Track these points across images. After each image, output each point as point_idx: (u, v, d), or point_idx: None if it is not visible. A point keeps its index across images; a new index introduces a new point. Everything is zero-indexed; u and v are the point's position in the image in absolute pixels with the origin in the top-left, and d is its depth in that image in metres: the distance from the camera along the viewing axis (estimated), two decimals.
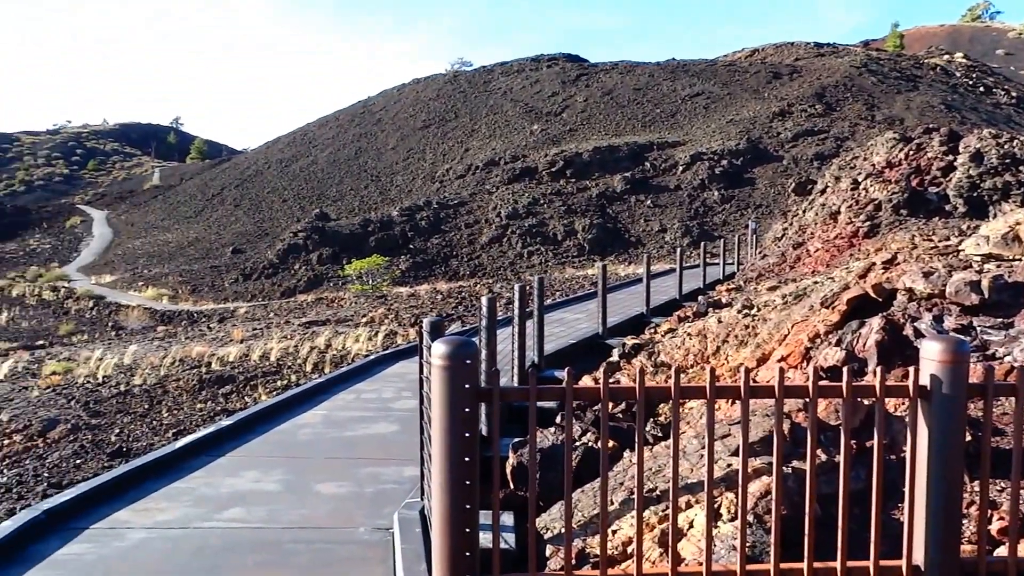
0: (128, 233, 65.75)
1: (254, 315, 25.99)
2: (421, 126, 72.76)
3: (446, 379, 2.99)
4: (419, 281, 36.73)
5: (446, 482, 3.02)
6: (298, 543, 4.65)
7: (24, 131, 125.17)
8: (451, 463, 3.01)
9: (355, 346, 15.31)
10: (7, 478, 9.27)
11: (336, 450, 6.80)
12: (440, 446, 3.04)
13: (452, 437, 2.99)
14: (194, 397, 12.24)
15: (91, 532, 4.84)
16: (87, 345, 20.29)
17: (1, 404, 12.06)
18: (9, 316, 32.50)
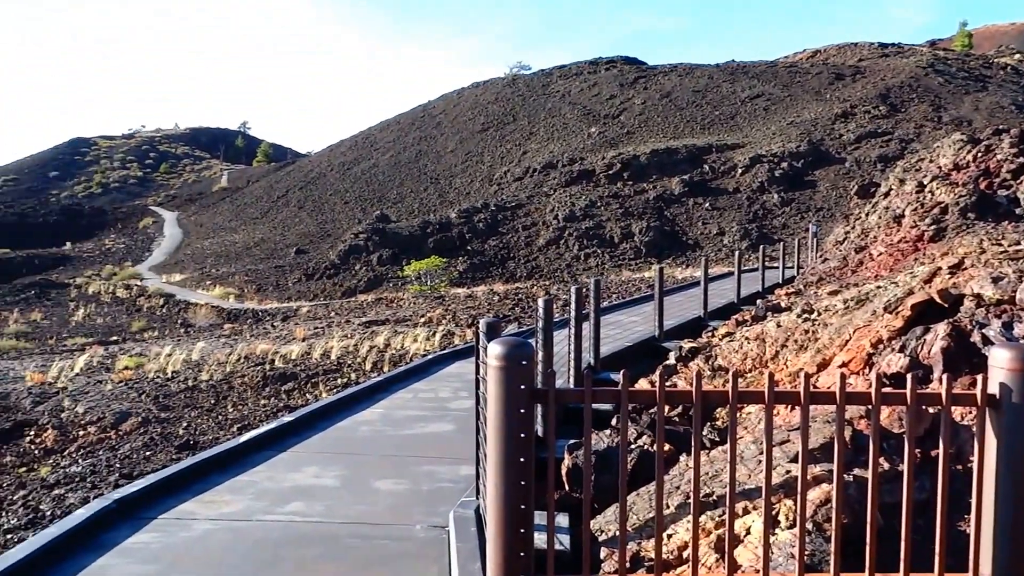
0: (197, 234, 67.87)
1: (316, 314, 26.53)
2: (480, 129, 73.24)
3: (502, 379, 3.02)
4: (476, 282, 36.98)
5: (501, 482, 3.05)
6: (356, 538, 4.74)
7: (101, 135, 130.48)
8: (506, 463, 3.03)
9: (413, 346, 15.51)
10: (82, 467, 9.68)
11: (394, 448, 6.91)
12: (495, 446, 3.06)
13: (507, 437, 3.02)
14: (258, 393, 12.57)
15: (159, 522, 5.02)
16: (158, 341, 21.02)
17: (77, 397, 12.59)
18: (86, 312, 33.88)
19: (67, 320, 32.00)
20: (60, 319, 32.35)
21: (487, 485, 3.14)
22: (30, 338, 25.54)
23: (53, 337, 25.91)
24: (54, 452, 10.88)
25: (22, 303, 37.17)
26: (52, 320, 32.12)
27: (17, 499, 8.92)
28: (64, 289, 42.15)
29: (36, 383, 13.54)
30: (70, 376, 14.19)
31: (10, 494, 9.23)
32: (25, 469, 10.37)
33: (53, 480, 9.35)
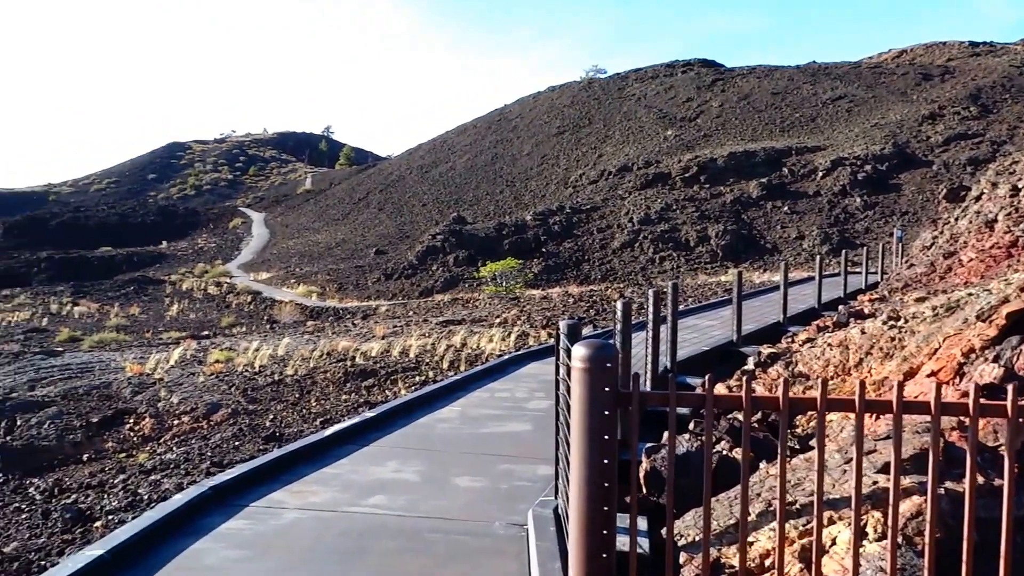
0: (283, 234, 70.12)
1: (394, 313, 27.06)
2: (555, 132, 73.30)
3: (586, 381, 3.06)
4: (551, 284, 37.02)
5: (584, 483, 3.09)
6: (436, 532, 4.86)
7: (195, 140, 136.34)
8: (590, 465, 3.07)
9: (489, 345, 15.65)
10: (176, 455, 10.17)
11: (472, 446, 7.02)
12: (579, 447, 3.11)
13: (591, 439, 3.06)
14: (340, 388, 12.93)
15: (251, 510, 5.25)
16: (246, 337, 21.83)
17: (172, 388, 13.21)
18: (179, 308, 35.46)
19: (162, 315, 33.56)
20: (156, 314, 33.96)
21: (570, 486, 3.18)
22: (128, 331, 26.90)
23: (149, 330, 27.22)
24: (151, 439, 11.46)
25: (122, 298, 39.19)
26: (149, 314, 33.75)
27: (117, 483, 9.44)
28: (160, 285, 44.22)
29: (135, 374, 14.27)
30: (166, 368, 14.89)
31: (111, 478, 9.78)
32: (124, 455, 10.96)
33: (150, 466, 9.85)
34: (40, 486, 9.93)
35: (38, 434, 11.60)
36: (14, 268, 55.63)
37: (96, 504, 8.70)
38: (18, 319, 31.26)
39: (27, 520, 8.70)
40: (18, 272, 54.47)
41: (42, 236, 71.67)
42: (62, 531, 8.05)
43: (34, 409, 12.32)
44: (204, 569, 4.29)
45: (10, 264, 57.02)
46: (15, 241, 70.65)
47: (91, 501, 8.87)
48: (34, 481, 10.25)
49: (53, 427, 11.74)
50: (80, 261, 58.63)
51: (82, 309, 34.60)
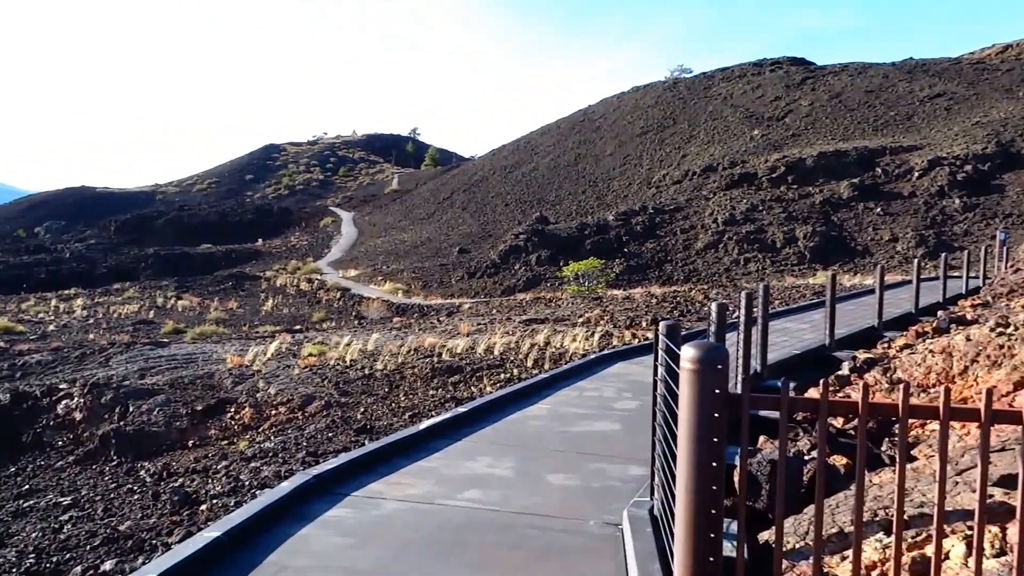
0: (370, 232, 71.83)
1: (478, 311, 27.35)
2: (639, 133, 72.58)
3: (696, 383, 3.05)
4: (633, 284, 36.71)
5: (692, 486, 3.08)
6: (532, 528, 4.91)
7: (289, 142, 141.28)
8: (698, 467, 3.06)
9: (572, 345, 15.64)
10: (274, 444, 10.56)
11: (562, 444, 7.06)
12: (687, 449, 3.10)
13: (700, 441, 3.05)
14: (427, 384, 13.16)
15: (352, 499, 5.43)
16: (336, 331, 22.48)
17: (270, 379, 13.73)
18: (274, 303, 36.79)
19: (258, 309, 34.90)
20: (252, 308, 35.34)
21: (676, 488, 3.17)
22: (227, 324, 28.10)
23: (246, 324, 28.37)
24: (250, 428, 11.94)
25: (221, 293, 40.97)
26: (245, 309, 35.15)
27: (220, 468, 9.88)
28: (256, 281, 45.99)
29: (235, 365, 14.89)
30: (263, 360, 15.48)
31: (215, 463, 10.24)
32: (226, 442, 11.47)
33: (250, 454, 10.26)
34: (150, 469, 10.48)
35: (148, 420, 12.25)
36: (124, 264, 58.95)
37: (201, 488, 9.13)
38: (127, 312, 33.10)
39: (139, 501, 9.21)
40: (127, 267, 57.69)
41: (149, 234, 75.69)
42: (171, 512, 8.47)
43: (144, 397, 13.02)
44: (312, 554, 4.48)
45: (120, 260, 60.45)
46: (125, 238, 74.89)
47: (196, 485, 9.30)
48: (144, 464, 10.84)
49: (161, 414, 12.38)
50: (183, 257, 61.63)
51: (185, 303, 36.34)
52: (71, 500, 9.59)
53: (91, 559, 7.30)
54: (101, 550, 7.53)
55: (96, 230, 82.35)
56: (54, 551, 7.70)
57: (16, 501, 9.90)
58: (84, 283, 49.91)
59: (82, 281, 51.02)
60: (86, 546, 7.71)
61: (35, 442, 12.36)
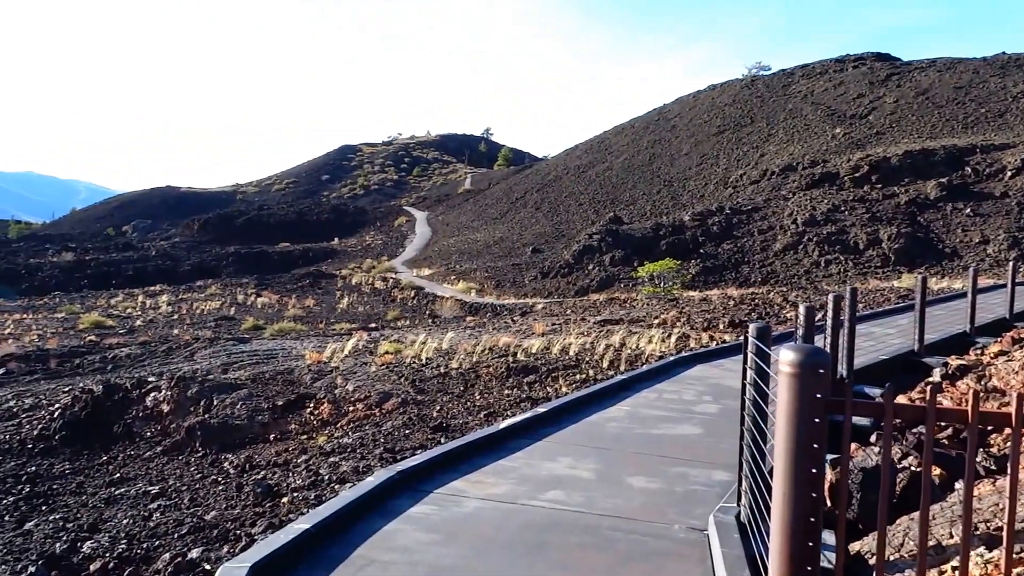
0: (444, 232, 72.66)
1: (551, 311, 27.30)
2: (715, 132, 71.29)
3: (795, 388, 2.93)
4: (708, 286, 36.05)
5: (791, 493, 2.96)
6: (615, 531, 4.84)
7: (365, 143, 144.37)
8: (797, 475, 2.94)
9: (649, 346, 15.43)
10: (352, 439, 10.75)
11: (643, 446, 6.95)
12: (785, 456, 2.98)
13: (799, 448, 2.93)
14: (502, 383, 13.17)
15: (435, 496, 5.46)
16: (411, 330, 22.79)
17: (347, 376, 13.98)
18: (349, 301, 37.59)
19: (334, 307, 35.72)
20: (328, 306, 36.20)
21: (773, 495, 3.06)
22: (304, 321, 28.85)
23: (323, 321, 29.05)
24: (329, 424, 12.19)
25: (298, 290, 42.11)
26: (322, 306, 36.03)
27: (300, 462, 10.11)
28: (332, 279, 47.09)
29: (314, 362, 15.24)
30: (341, 357, 15.80)
31: (295, 457, 10.48)
32: (306, 436, 11.73)
33: (329, 448, 10.46)
34: (234, 461, 10.79)
35: (231, 414, 12.64)
36: (206, 261, 61.23)
37: (282, 481, 9.35)
38: (210, 308, 34.33)
39: (223, 492, 9.49)
40: (210, 265, 59.91)
41: (230, 232, 78.37)
42: (254, 504, 8.68)
43: (228, 391, 13.44)
44: (398, 549, 4.51)
45: (203, 258, 62.81)
46: (207, 237, 77.76)
47: (278, 478, 9.53)
48: (228, 456, 11.18)
49: (244, 408, 12.76)
50: (262, 256, 63.61)
51: (264, 300, 37.48)
52: (159, 489, 9.95)
53: (179, 547, 7.54)
54: (188, 538, 7.77)
55: (180, 229, 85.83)
56: (144, 538, 7.99)
57: (108, 489, 10.33)
58: (169, 280, 52.09)
59: (167, 278, 53.26)
60: (174, 534, 7.96)
61: (125, 432, 12.88)
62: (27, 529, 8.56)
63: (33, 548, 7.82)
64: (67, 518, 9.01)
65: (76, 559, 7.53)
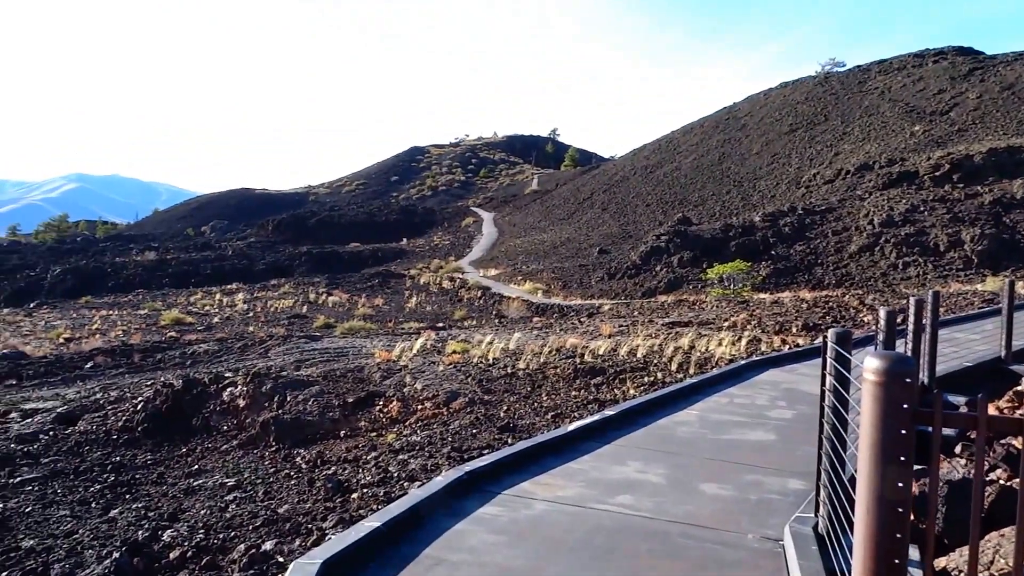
0: (510, 232, 72.88)
1: (618, 312, 27.08)
2: (787, 130, 69.54)
3: (881, 397, 2.80)
4: (780, 288, 35.18)
5: (875, 507, 2.84)
6: (687, 538, 4.74)
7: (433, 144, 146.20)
8: (882, 488, 2.82)
9: (719, 350, 15.14)
10: (420, 438, 10.85)
11: (714, 452, 6.80)
12: (869, 469, 2.86)
13: (885, 460, 2.80)
14: (569, 384, 13.11)
15: (503, 497, 5.45)
16: (478, 330, 22.93)
17: (416, 375, 14.14)
18: (417, 300, 38.06)
19: (402, 306, 36.22)
20: (397, 305, 36.72)
21: (856, 509, 2.94)
22: (373, 320, 29.33)
23: (391, 320, 29.49)
24: (398, 421, 12.34)
25: (368, 290, 42.86)
26: (391, 305, 36.58)
27: (370, 459, 10.25)
28: (400, 279, 47.77)
29: (383, 360, 15.46)
30: (410, 356, 15.99)
31: (365, 454, 10.64)
32: (375, 434, 11.90)
33: (398, 446, 10.58)
34: (306, 456, 11.02)
35: (303, 410, 12.92)
36: (280, 261, 62.90)
37: (352, 477, 9.49)
38: (283, 306, 35.24)
39: (295, 486, 9.69)
40: (283, 264, 61.52)
41: (303, 233, 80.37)
42: (324, 499, 8.84)
43: (300, 387, 13.75)
44: (467, 550, 4.52)
45: (277, 257, 64.54)
46: (281, 237, 79.93)
47: (348, 474, 9.68)
48: (300, 451, 11.42)
49: (316, 404, 13.02)
50: (333, 255, 64.98)
51: (335, 299, 38.27)
52: (235, 482, 10.22)
53: (253, 538, 7.73)
54: (262, 530, 7.95)
55: (255, 229, 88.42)
56: (220, 528, 8.22)
57: (187, 480, 10.68)
58: (244, 279, 53.71)
59: (243, 277, 54.93)
60: (248, 526, 8.15)
61: (203, 426, 13.30)
62: (112, 516, 8.91)
63: (117, 535, 8.13)
64: (149, 507, 9.34)
65: (157, 547, 7.79)
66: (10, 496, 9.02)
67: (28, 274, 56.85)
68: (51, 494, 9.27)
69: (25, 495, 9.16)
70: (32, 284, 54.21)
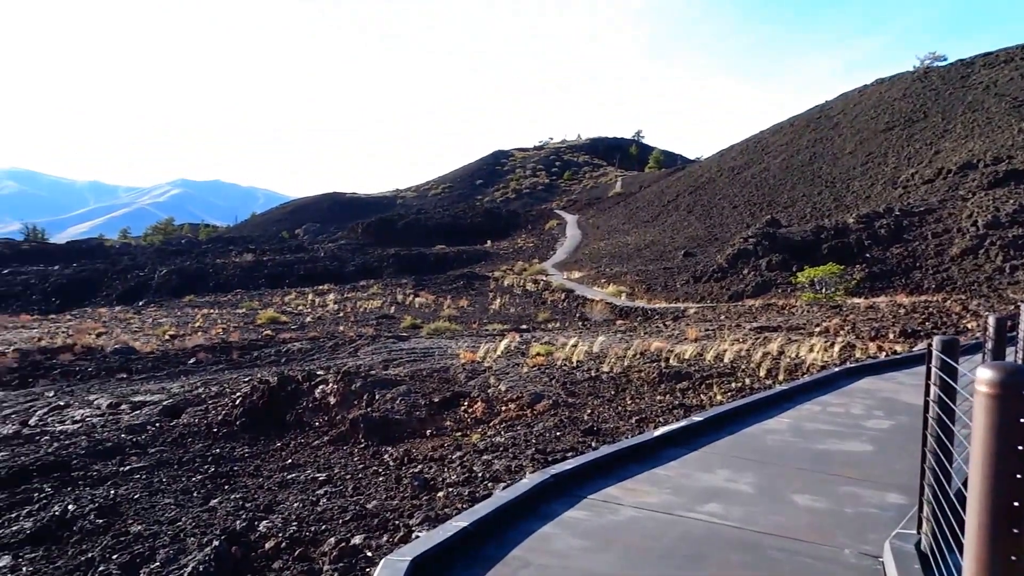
0: (594, 235, 72.52)
1: (704, 316, 26.57)
2: (883, 128, 66.68)
3: (996, 410, 2.67)
4: (875, 292, 33.79)
5: (988, 528, 2.70)
6: (779, 551, 4.61)
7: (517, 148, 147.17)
8: (996, 507, 2.68)
9: (810, 356, 14.68)
10: (504, 439, 10.90)
11: (806, 462, 6.59)
12: (981, 487, 2.72)
13: (999, 478, 2.66)
14: (654, 389, 12.94)
15: (588, 501, 5.43)
16: (561, 332, 22.90)
17: (500, 376, 14.24)
18: (501, 302, 38.31)
19: (487, 308, 36.52)
20: (481, 307, 37.06)
21: (967, 527, 2.80)
22: (458, 321, 29.69)
23: (476, 322, 29.78)
24: (482, 422, 12.45)
25: (453, 291, 43.42)
26: (475, 307, 36.94)
27: (455, 459, 10.37)
28: (485, 281, 48.19)
29: (468, 361, 15.63)
30: (494, 357, 16.12)
31: (450, 453, 10.77)
32: (460, 434, 12.03)
33: (482, 446, 10.66)
34: (393, 454, 11.24)
35: (391, 408, 13.18)
36: (369, 263, 64.44)
37: (438, 476, 9.62)
38: (371, 307, 36.09)
39: (383, 483, 9.89)
40: (372, 266, 63.00)
41: (390, 235, 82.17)
42: (411, 496, 8.98)
43: (388, 386, 14.04)
44: (553, 553, 4.52)
45: (366, 260, 66.14)
46: (370, 239, 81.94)
47: (434, 472, 9.81)
48: (388, 449, 11.66)
49: (403, 403, 13.27)
50: (419, 257, 66.17)
51: (421, 300, 38.93)
52: (326, 476, 10.51)
53: (343, 532, 7.93)
54: (351, 525, 8.15)
55: (346, 232, 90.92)
56: (312, 521, 8.46)
57: (281, 473, 11.05)
58: (335, 280, 55.28)
59: (333, 278, 56.54)
60: (338, 520, 8.37)
61: (296, 421, 13.73)
62: (212, 505, 9.30)
63: (217, 523, 8.48)
64: (246, 498, 9.71)
65: (253, 536, 8.09)
66: (120, 483, 9.54)
67: (138, 274, 60.07)
68: (157, 483, 9.75)
69: (134, 483, 9.67)
70: (141, 284, 57.29)
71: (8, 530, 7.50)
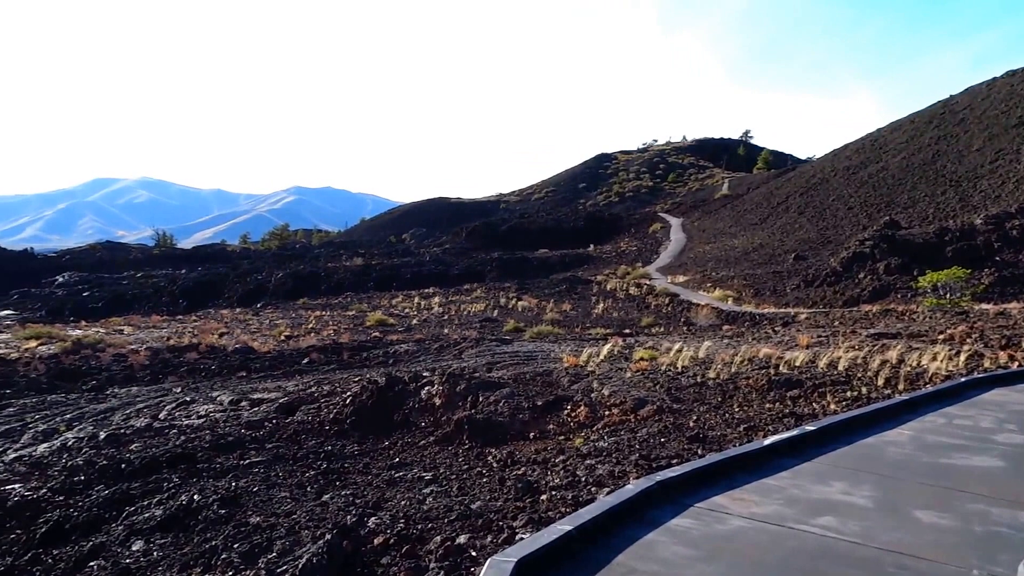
0: (699, 238, 71.05)
1: (816, 322, 25.55)
2: (1016, 123, 62.22)
3: None
4: (1007, 298, 31.56)
5: None
6: (900, 569, 4.38)
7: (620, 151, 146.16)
8: None
9: (933, 364, 13.87)
10: (607, 444, 10.83)
11: (929, 476, 6.24)
12: None
13: None
14: (763, 396, 12.56)
15: (695, 510, 5.32)
16: (665, 337, 22.54)
17: (603, 380, 14.16)
18: (604, 306, 38.08)
19: (589, 312, 36.38)
20: (584, 311, 36.95)
21: None
22: (561, 325, 29.70)
23: (579, 326, 29.72)
24: (585, 426, 12.40)
25: (556, 295, 43.49)
26: (578, 311, 36.87)
27: (558, 462, 10.38)
28: (587, 285, 48.04)
29: (571, 365, 15.62)
30: (597, 362, 16.04)
31: (553, 456, 10.79)
32: (563, 437, 12.03)
33: (585, 451, 10.63)
34: (496, 456, 11.35)
35: (495, 410, 13.33)
36: (473, 267, 65.43)
37: (541, 479, 9.65)
38: (475, 310, 36.62)
39: (487, 484, 10.01)
40: (475, 270, 63.94)
41: (493, 239, 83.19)
42: (515, 498, 9.05)
43: (492, 389, 14.19)
44: (658, 561, 4.46)
45: (470, 263, 67.21)
46: (474, 243, 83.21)
47: (537, 475, 9.85)
48: (491, 451, 11.78)
49: (506, 406, 13.39)
50: (522, 261, 66.65)
51: (524, 303, 39.19)
52: (431, 476, 10.72)
53: (448, 531, 8.07)
54: (456, 524, 8.28)
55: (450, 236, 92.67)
56: (418, 519, 8.65)
57: (389, 471, 11.35)
58: (440, 283, 56.44)
59: (438, 281, 57.74)
60: (443, 519, 8.52)
61: (403, 421, 14.07)
62: (324, 500, 9.66)
63: (329, 518, 8.80)
64: (356, 494, 10.03)
65: (363, 532, 8.36)
66: (241, 476, 10.05)
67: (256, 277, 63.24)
68: (274, 477, 10.22)
69: (253, 476, 10.17)
70: (259, 286, 60.27)
71: (141, 516, 8.03)
